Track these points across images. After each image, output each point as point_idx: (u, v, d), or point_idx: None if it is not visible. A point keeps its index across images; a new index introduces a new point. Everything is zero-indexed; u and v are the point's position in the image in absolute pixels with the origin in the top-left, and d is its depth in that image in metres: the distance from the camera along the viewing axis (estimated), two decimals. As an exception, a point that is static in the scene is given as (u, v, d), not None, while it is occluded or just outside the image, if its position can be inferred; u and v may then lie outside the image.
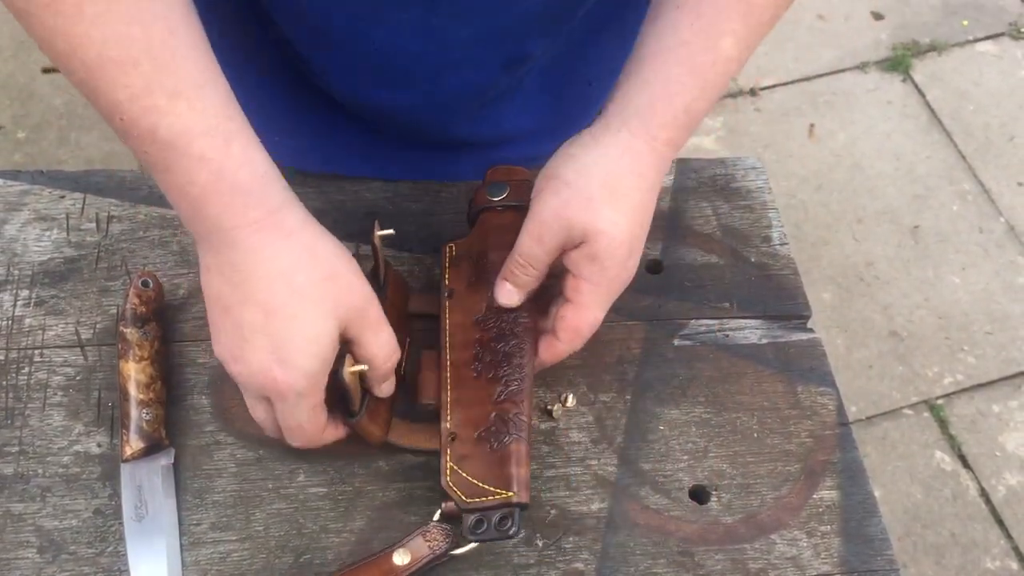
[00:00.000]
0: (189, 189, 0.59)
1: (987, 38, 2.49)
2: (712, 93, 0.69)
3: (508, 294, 0.70)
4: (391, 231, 0.70)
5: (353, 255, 0.78)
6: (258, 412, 0.65)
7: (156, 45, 0.56)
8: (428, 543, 0.66)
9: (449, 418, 0.69)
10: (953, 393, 1.93)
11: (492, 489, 0.65)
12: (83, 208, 0.81)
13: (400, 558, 0.65)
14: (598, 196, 0.66)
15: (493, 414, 0.67)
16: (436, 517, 0.67)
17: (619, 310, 0.80)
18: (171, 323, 0.76)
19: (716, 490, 0.72)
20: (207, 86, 0.59)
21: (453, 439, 0.68)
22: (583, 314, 0.69)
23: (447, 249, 0.76)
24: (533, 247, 0.68)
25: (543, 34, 0.76)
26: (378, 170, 0.87)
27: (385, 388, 0.68)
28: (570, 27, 0.77)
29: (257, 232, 0.60)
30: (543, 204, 0.68)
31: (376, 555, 0.66)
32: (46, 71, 2.19)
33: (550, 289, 0.71)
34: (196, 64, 0.58)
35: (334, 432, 0.67)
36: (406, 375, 0.73)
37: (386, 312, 0.66)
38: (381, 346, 0.65)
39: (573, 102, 0.90)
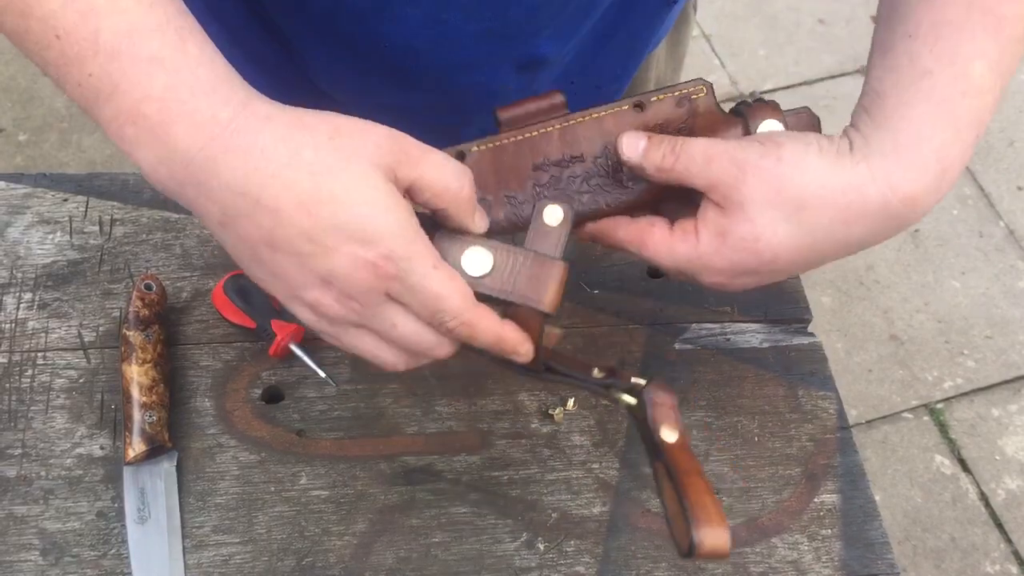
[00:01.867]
0: (145, 107, 0.49)
1: (987, 42, 2.49)
2: (968, 135, 0.57)
3: (634, 142, 0.59)
4: None
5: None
6: (397, 327, 0.53)
7: None
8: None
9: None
10: (953, 397, 1.93)
11: None
12: (86, 211, 0.81)
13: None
14: (782, 198, 0.56)
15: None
16: None
17: (620, 314, 0.80)
18: (174, 326, 0.76)
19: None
20: None
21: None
22: (672, 246, 0.59)
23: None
24: (697, 148, 0.57)
25: (555, 35, 0.76)
26: None
27: (479, 222, 0.56)
28: (581, 31, 0.77)
29: (235, 135, 0.49)
30: (734, 148, 0.57)
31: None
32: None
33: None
34: None
35: (490, 316, 0.54)
36: None
37: None
38: (441, 169, 0.53)
39: (582, 107, 0.90)
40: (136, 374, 0.70)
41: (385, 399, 0.75)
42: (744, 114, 0.61)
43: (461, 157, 0.60)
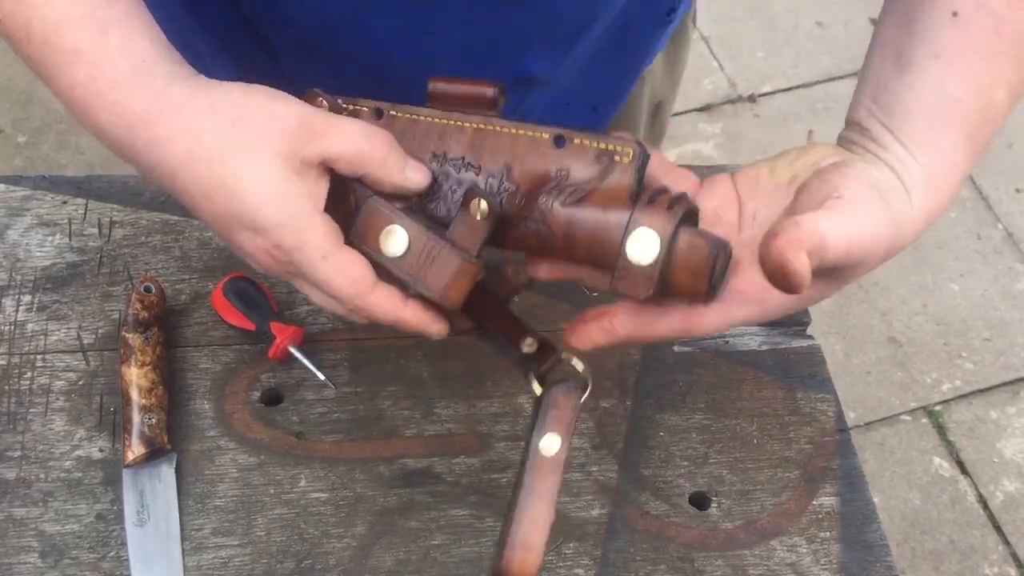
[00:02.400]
0: (74, 94, 0.53)
1: (985, 45, 2.50)
2: (980, 159, 0.59)
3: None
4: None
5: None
6: (311, 296, 0.58)
7: None
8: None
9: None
10: (951, 399, 1.93)
11: None
12: (85, 213, 0.81)
13: None
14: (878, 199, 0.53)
15: None
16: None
17: (619, 316, 0.80)
18: (173, 328, 0.76)
19: (716, 496, 0.73)
20: None
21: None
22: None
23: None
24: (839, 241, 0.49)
25: (545, 54, 0.75)
26: None
27: (412, 177, 0.56)
28: (574, 51, 0.77)
29: (149, 126, 0.53)
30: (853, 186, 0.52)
31: None
32: (47, 75, 2.19)
33: None
34: None
35: (388, 301, 0.56)
36: None
37: None
38: (349, 136, 0.54)
39: (543, 118, 0.89)
40: (135, 376, 0.70)
41: (384, 401, 0.75)
42: (635, 207, 0.51)
43: (379, 114, 0.58)
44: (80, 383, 0.73)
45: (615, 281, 0.49)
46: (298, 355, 0.74)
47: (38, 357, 0.74)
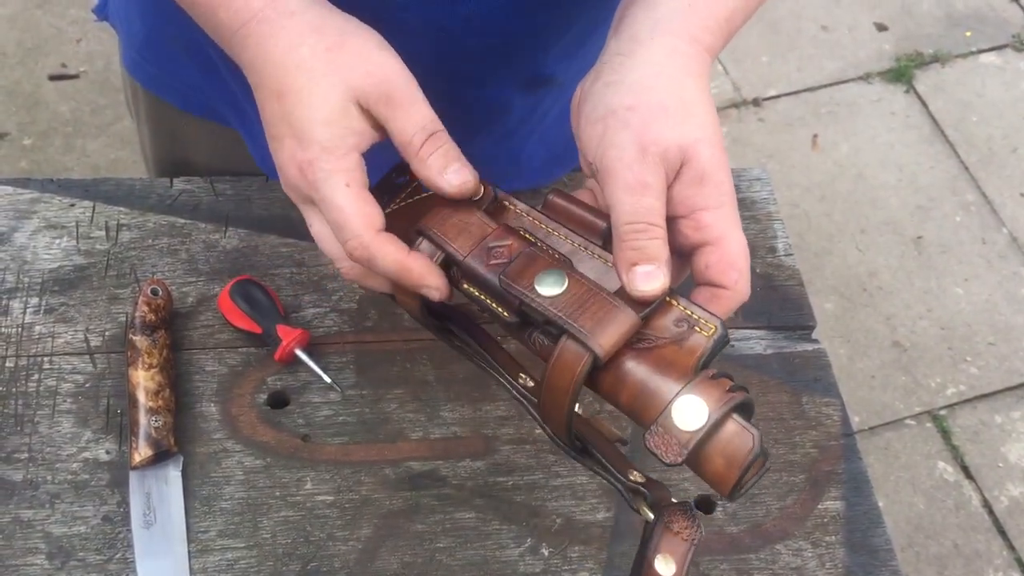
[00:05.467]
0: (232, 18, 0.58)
1: (990, 49, 2.50)
2: (753, 4, 0.59)
3: (647, 277, 0.51)
4: None
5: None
6: (314, 226, 0.59)
7: None
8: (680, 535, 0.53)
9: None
10: (956, 404, 1.93)
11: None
12: (92, 216, 0.82)
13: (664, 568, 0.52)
14: (672, 106, 0.54)
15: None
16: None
17: (625, 320, 0.80)
18: (180, 331, 0.76)
19: (721, 500, 0.73)
20: None
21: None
22: (729, 247, 0.54)
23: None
24: (642, 199, 0.52)
25: (563, 54, 0.75)
26: None
27: (449, 179, 0.56)
28: (585, 50, 0.77)
29: (262, 23, 0.57)
30: (619, 145, 0.53)
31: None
32: (52, 78, 2.20)
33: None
34: None
35: (392, 245, 0.56)
36: None
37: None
38: (406, 122, 0.56)
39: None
40: (142, 379, 0.70)
41: (390, 404, 0.75)
42: (699, 375, 0.51)
43: (494, 200, 0.58)
44: (87, 385, 0.73)
45: (650, 435, 0.49)
46: (304, 358, 0.74)
47: (45, 359, 0.74)
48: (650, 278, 0.51)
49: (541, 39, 0.72)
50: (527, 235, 0.56)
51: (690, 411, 0.49)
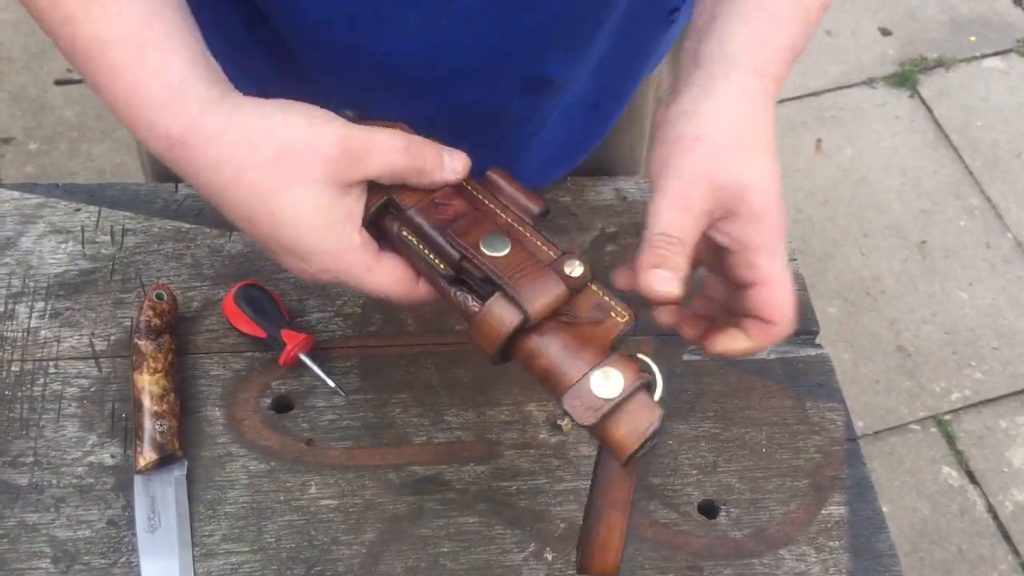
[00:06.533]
0: (116, 108, 0.56)
1: (994, 54, 2.50)
2: (812, 29, 0.62)
3: (663, 280, 0.56)
4: None
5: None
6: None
7: None
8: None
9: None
10: (960, 408, 1.93)
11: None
12: (98, 221, 0.82)
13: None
14: (735, 147, 0.58)
15: None
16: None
17: (628, 325, 0.80)
18: (185, 335, 0.77)
19: (725, 505, 0.73)
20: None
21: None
22: (778, 289, 0.58)
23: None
24: (679, 217, 0.56)
25: (564, 57, 0.75)
26: None
27: (451, 166, 0.60)
28: (586, 52, 0.77)
29: (187, 150, 0.55)
30: (676, 171, 0.57)
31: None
32: (58, 83, 2.20)
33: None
34: None
35: (423, 289, 0.60)
36: None
37: None
38: (385, 156, 0.57)
39: (582, 127, 0.89)
40: (147, 383, 0.71)
41: (394, 409, 0.75)
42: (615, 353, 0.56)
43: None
44: (92, 389, 0.74)
45: (567, 398, 0.54)
46: (308, 362, 0.74)
47: (50, 363, 0.75)
48: (666, 282, 0.56)
49: (540, 40, 0.72)
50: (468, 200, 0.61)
51: (607, 382, 0.54)
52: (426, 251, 0.59)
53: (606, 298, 0.58)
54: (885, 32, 2.53)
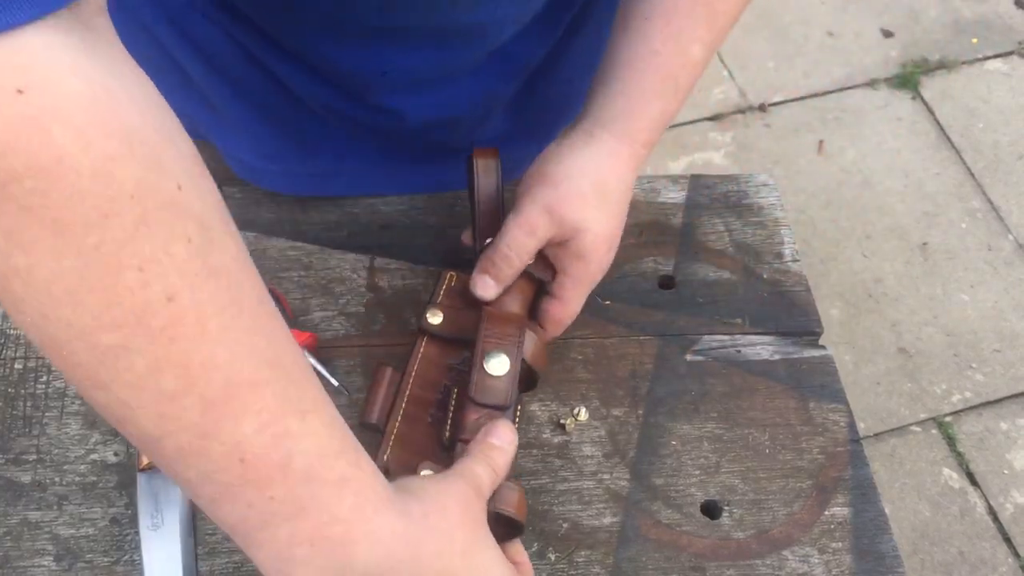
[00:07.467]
0: (330, 531, 0.47)
1: (996, 56, 2.50)
2: (683, 96, 0.73)
3: (486, 286, 0.71)
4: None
5: (367, 267, 0.78)
6: None
7: (281, 352, 0.46)
8: None
9: (388, 451, 0.66)
10: (961, 410, 1.93)
11: None
12: (102, 219, 0.82)
13: None
14: (589, 195, 0.70)
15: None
16: None
17: (631, 325, 0.80)
18: (188, 334, 0.77)
19: (728, 505, 0.73)
20: (321, 391, 0.49)
21: (386, 472, 0.59)
22: (567, 308, 0.73)
23: (448, 277, 0.76)
24: (523, 238, 0.70)
25: (541, 44, 0.80)
26: (388, 180, 0.87)
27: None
28: (557, 34, 0.81)
29: (413, 546, 0.51)
30: (535, 199, 0.70)
31: None
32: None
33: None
34: (306, 365, 0.49)
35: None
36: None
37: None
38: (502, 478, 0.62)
39: (553, 102, 0.91)
40: (150, 381, 0.70)
41: (397, 408, 0.75)
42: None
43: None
44: (95, 387, 0.74)
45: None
46: (312, 361, 0.74)
47: (54, 361, 0.75)
48: (486, 288, 0.71)
49: (498, 27, 0.74)
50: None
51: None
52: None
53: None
54: (887, 34, 2.53)
